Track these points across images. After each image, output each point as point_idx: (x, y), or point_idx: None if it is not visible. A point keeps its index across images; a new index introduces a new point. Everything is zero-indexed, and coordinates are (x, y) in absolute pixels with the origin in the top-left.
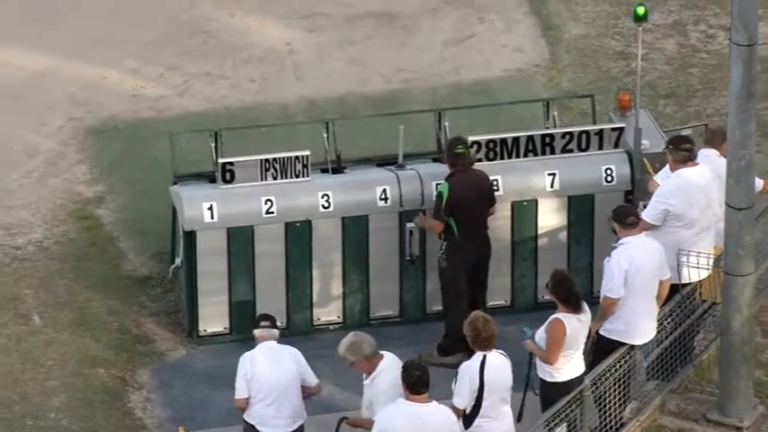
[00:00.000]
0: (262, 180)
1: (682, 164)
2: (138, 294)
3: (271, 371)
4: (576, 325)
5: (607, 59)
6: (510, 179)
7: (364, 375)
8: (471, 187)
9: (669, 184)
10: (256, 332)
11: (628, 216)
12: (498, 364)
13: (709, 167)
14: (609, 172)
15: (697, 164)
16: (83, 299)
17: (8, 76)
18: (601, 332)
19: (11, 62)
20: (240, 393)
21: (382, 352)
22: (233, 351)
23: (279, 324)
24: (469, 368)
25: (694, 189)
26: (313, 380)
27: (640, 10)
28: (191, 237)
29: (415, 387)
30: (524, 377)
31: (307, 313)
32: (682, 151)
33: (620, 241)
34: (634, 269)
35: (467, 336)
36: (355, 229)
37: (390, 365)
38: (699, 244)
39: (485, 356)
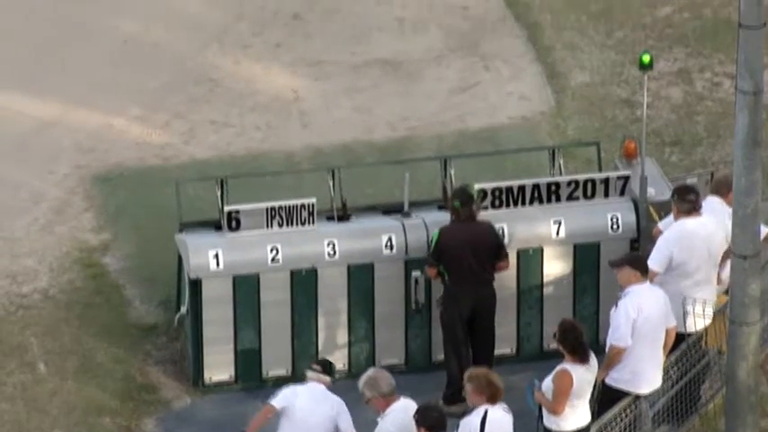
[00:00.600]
0: (267, 228)
1: (685, 214)
2: (144, 342)
3: (307, 406)
4: (583, 375)
5: (613, 107)
6: (516, 227)
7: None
8: (462, 238)
9: (671, 233)
10: (307, 373)
11: (642, 262)
12: (499, 419)
13: (714, 217)
14: (615, 220)
15: (701, 214)
16: (88, 347)
17: (14, 124)
18: (607, 381)
19: (17, 110)
20: (276, 402)
21: (402, 396)
22: (238, 400)
23: (337, 374)
24: (470, 423)
25: (696, 239)
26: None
27: (646, 58)
28: (196, 285)
29: (434, 429)
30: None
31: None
32: (686, 202)
33: (626, 290)
34: (642, 318)
35: (467, 389)
36: (361, 277)
37: (405, 408)
38: (698, 294)
39: (486, 411)
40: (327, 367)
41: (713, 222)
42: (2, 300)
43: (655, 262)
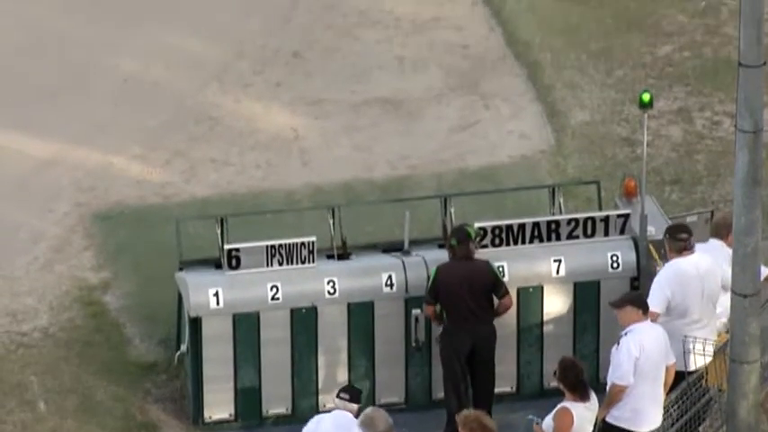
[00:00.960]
0: (267, 266)
1: (677, 253)
2: (144, 381)
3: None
4: (584, 413)
5: (613, 146)
6: (516, 265)
7: None
8: (460, 276)
9: (664, 274)
10: (335, 401)
11: (642, 301)
12: None
13: (710, 257)
14: (615, 258)
15: (693, 253)
16: (88, 385)
17: (14, 164)
18: (608, 419)
19: (16, 149)
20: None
21: None
22: None
23: (361, 402)
24: None
25: (689, 279)
26: None
27: (646, 97)
28: (196, 323)
29: None
30: None
31: (312, 399)
32: (678, 241)
33: (627, 328)
34: (644, 356)
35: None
36: (361, 315)
37: None
38: (696, 333)
39: None
40: (355, 395)
41: (707, 260)
42: (2, 338)
43: (654, 304)
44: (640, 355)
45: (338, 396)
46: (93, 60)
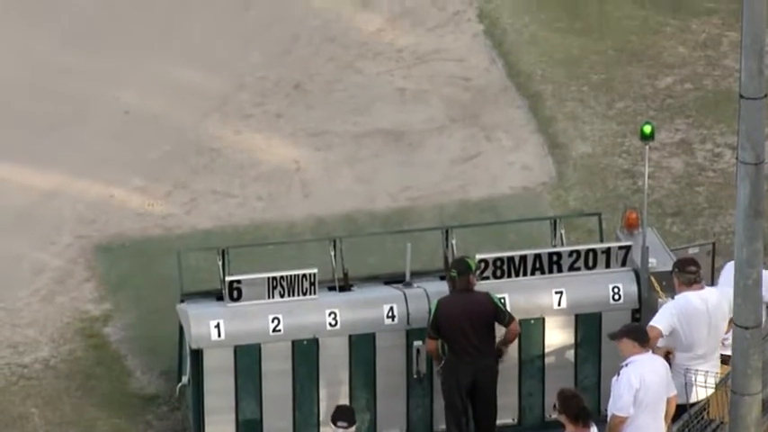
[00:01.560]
0: (269, 298)
1: (687, 286)
2: (145, 413)
3: None
4: None
5: (614, 178)
6: (517, 297)
7: None
8: (460, 308)
9: (675, 305)
10: (333, 429)
11: (642, 332)
12: None
13: (720, 291)
14: (616, 290)
15: (702, 286)
16: (89, 417)
17: (15, 195)
18: None
19: (18, 181)
20: None
21: None
22: None
23: (356, 421)
24: None
25: (698, 314)
26: None
27: (647, 128)
28: (198, 355)
29: None
30: None
31: (314, 431)
32: (687, 274)
33: (627, 359)
34: (644, 388)
35: None
36: (362, 347)
37: None
38: (700, 367)
39: None
40: (351, 417)
41: (716, 294)
42: (3, 370)
43: (659, 323)
44: (640, 386)
45: (335, 425)
46: (94, 93)
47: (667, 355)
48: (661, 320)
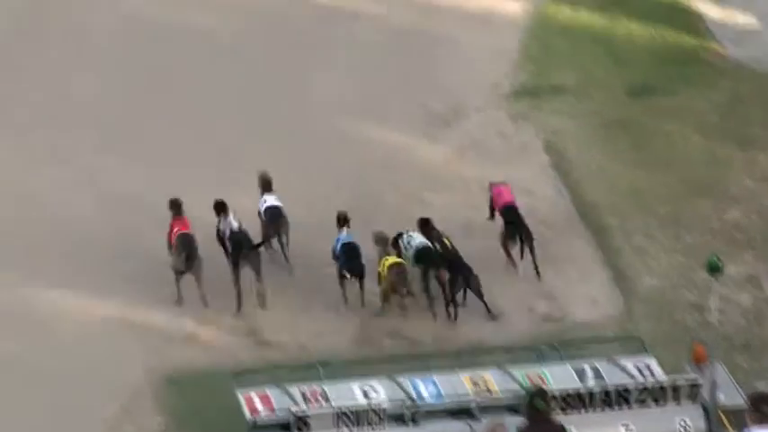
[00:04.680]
0: (336, 430)
1: (758, 423)
2: None
3: None
4: None
5: (682, 311)
6: (585, 431)
7: None
8: None
9: None
10: None
11: None
12: None
13: None
14: (683, 424)
15: None
16: None
17: (81, 325)
18: None
19: (82, 310)
20: None
21: None
22: None
23: None
24: None
25: None
26: None
27: (714, 262)
28: None
29: None
30: None
31: None
32: (757, 412)
33: None
34: None
35: None
36: None
37: None
38: None
39: None
40: None
41: None
42: None
43: None
44: None
45: None
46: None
47: None
48: None
